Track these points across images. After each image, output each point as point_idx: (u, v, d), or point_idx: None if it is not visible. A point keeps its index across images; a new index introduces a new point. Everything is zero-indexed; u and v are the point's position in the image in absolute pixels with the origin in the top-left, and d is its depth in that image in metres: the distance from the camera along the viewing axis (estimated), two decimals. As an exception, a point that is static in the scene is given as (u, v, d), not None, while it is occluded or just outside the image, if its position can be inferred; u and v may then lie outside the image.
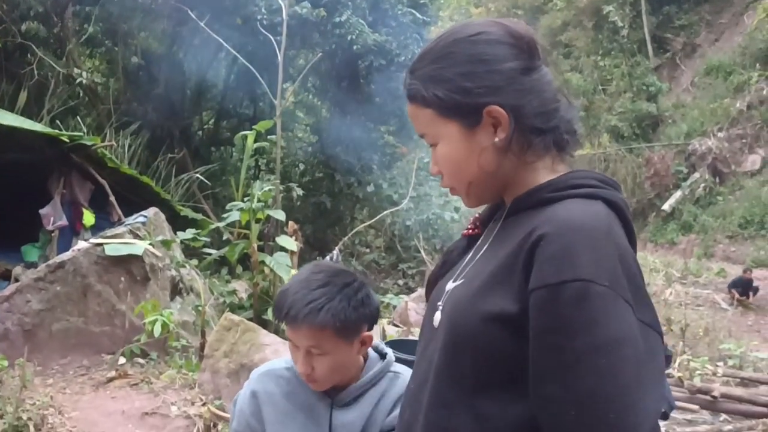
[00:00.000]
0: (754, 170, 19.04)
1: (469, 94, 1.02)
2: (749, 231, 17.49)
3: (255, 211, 6.65)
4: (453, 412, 0.97)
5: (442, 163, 1.10)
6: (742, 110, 19.83)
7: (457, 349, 0.97)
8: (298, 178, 14.03)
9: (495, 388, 0.94)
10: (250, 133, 7.67)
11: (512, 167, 1.05)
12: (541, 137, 1.04)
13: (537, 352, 0.89)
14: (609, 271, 0.87)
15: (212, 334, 5.05)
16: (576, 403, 0.84)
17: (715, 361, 5.93)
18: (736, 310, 12.49)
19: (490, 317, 0.93)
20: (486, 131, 1.03)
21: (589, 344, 0.84)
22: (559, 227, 0.91)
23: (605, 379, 0.83)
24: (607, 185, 1.01)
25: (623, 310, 0.87)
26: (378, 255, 13.84)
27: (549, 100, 1.05)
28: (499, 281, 0.95)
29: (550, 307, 0.87)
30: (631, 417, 0.83)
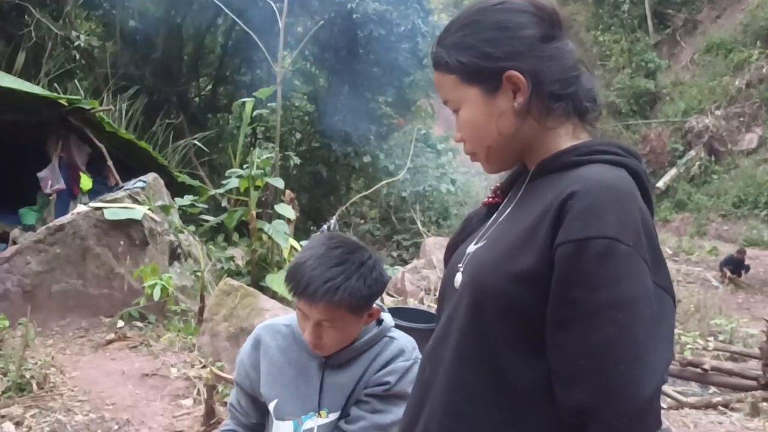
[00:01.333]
0: (750, 149, 19.08)
1: (489, 59, 1.06)
2: (743, 210, 17.58)
3: (254, 179, 6.66)
4: (474, 368, 1.00)
5: (464, 128, 1.12)
6: (741, 88, 19.79)
7: (481, 308, 1.00)
8: (294, 147, 14.00)
9: (517, 346, 0.97)
10: (248, 101, 7.64)
11: (532, 132, 1.08)
12: (560, 103, 1.06)
13: (556, 303, 0.92)
14: (633, 232, 0.91)
15: (211, 299, 5.09)
16: (588, 353, 0.88)
17: (705, 336, 6.04)
18: (726, 288, 12.65)
19: (516, 276, 0.96)
20: (506, 96, 1.06)
21: (609, 299, 0.88)
22: (589, 185, 0.94)
23: (620, 332, 0.87)
24: (630, 154, 1.04)
25: (643, 271, 0.91)
26: (373, 226, 13.88)
27: (568, 68, 1.07)
28: (525, 241, 0.98)
29: (575, 261, 0.90)
30: (638, 371, 0.86)
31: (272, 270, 6.83)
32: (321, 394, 1.55)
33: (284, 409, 1.56)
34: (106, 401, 4.17)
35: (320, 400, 1.55)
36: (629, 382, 0.86)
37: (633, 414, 0.87)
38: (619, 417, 0.87)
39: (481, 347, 1.00)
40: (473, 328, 1.01)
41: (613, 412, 0.87)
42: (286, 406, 1.55)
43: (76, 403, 4.06)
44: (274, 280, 6.58)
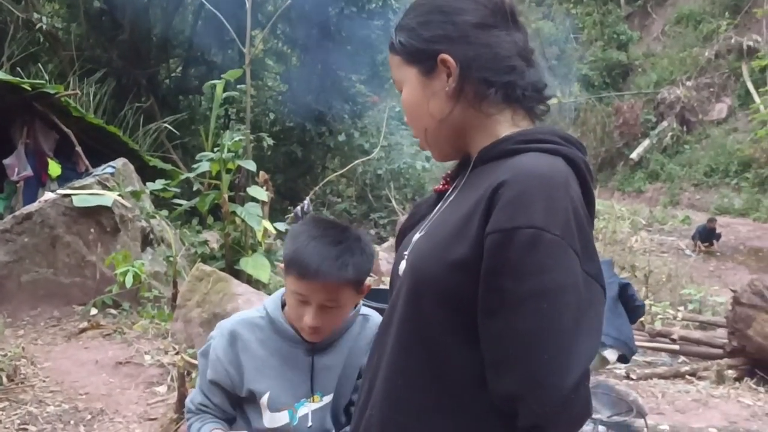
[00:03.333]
0: (720, 119, 19.33)
1: (423, 41, 1.09)
2: (714, 179, 17.86)
3: (225, 162, 6.59)
4: (412, 355, 1.02)
5: (405, 108, 1.15)
6: (711, 59, 20.00)
7: (419, 297, 1.01)
8: (268, 128, 13.86)
9: (453, 333, 0.98)
10: (219, 82, 7.54)
11: (469, 118, 1.09)
12: (492, 89, 1.07)
13: (486, 292, 0.93)
14: (562, 221, 0.91)
15: (184, 285, 5.06)
16: (516, 341, 0.89)
17: (676, 306, 6.15)
18: (699, 256, 12.87)
19: (452, 265, 0.97)
20: (440, 79, 1.08)
21: (535, 288, 0.89)
22: (519, 175, 0.95)
23: (545, 322, 0.88)
24: (570, 143, 1.04)
25: (570, 260, 0.91)
26: (349, 204, 13.86)
27: (503, 57, 1.07)
28: (460, 230, 0.98)
29: (502, 251, 0.91)
30: (563, 359, 0.88)
31: (246, 253, 6.80)
32: (313, 379, 1.56)
33: (278, 400, 1.55)
34: (80, 391, 4.15)
35: (312, 385, 1.56)
36: (553, 371, 0.87)
37: (557, 402, 0.87)
38: (543, 405, 0.88)
39: (419, 335, 1.01)
40: (412, 316, 1.02)
41: (538, 400, 0.88)
42: (279, 397, 1.55)
43: (48, 395, 4.03)
44: (248, 263, 6.56)
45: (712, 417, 3.29)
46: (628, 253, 10.01)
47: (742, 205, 16.52)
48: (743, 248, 14.02)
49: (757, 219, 15.77)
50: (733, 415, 3.35)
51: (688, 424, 3.04)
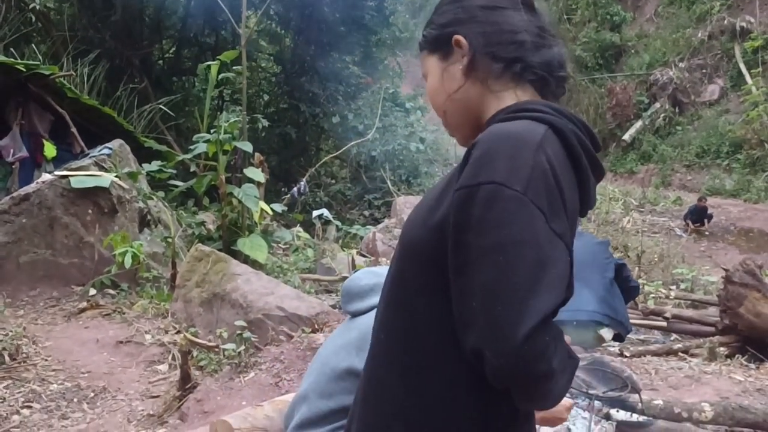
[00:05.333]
0: (712, 100, 19.34)
1: (440, 28, 1.17)
2: (705, 160, 17.91)
3: (222, 143, 6.61)
4: (394, 313, 1.08)
5: (429, 94, 1.20)
6: (704, 40, 19.96)
7: (406, 258, 1.06)
8: (262, 109, 13.84)
9: (430, 293, 1.02)
10: (213, 64, 7.52)
11: (478, 95, 1.13)
12: (499, 64, 1.11)
13: (453, 248, 0.96)
14: (524, 178, 0.92)
15: (183, 265, 5.10)
16: (476, 295, 0.91)
17: (668, 285, 6.22)
18: (690, 237, 12.96)
19: (433, 227, 1.01)
20: (456, 59, 1.14)
21: (494, 242, 0.90)
22: (489, 134, 0.99)
23: (500, 275, 0.89)
24: (563, 115, 1.05)
25: (531, 215, 0.92)
26: (344, 186, 13.86)
27: (510, 32, 1.12)
28: (443, 193, 1.03)
29: (466, 207, 0.94)
30: (517, 311, 0.87)
31: (243, 234, 6.84)
32: None
33: None
34: (81, 370, 4.20)
35: None
36: (506, 322, 0.88)
37: (510, 353, 0.88)
38: (498, 356, 0.89)
39: (402, 295, 1.06)
40: (399, 277, 1.08)
41: (493, 351, 0.89)
42: None
43: (51, 373, 4.08)
44: (245, 244, 6.60)
45: (705, 393, 3.37)
46: (621, 233, 10.10)
47: (733, 186, 16.58)
48: (734, 228, 14.12)
49: (748, 200, 15.85)
50: (724, 391, 3.43)
51: (681, 399, 3.11)
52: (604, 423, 2.87)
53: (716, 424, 2.93)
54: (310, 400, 1.82)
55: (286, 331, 3.88)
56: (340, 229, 10.08)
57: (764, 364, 4.01)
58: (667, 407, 2.96)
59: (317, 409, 1.77)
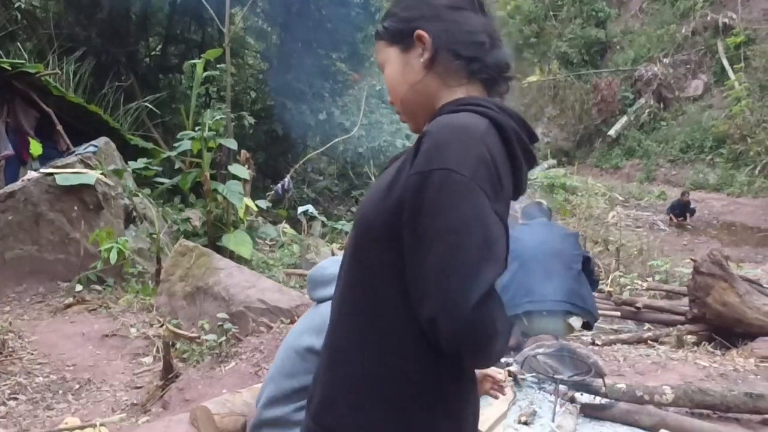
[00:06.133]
0: (696, 95, 19.53)
1: (403, 21, 1.26)
2: (689, 155, 18.11)
3: (206, 140, 6.68)
4: (354, 288, 1.18)
5: (387, 84, 1.30)
6: (687, 36, 20.14)
7: (363, 238, 1.17)
8: (249, 106, 13.87)
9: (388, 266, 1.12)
10: (198, 62, 7.59)
11: (436, 89, 1.24)
12: (458, 61, 1.23)
13: (408, 228, 1.07)
14: (471, 165, 1.04)
15: (168, 260, 5.19)
16: (430, 269, 1.02)
17: (644, 277, 6.36)
18: (673, 231, 13.14)
19: (387, 209, 1.11)
20: (416, 53, 1.24)
21: (447, 223, 1.02)
22: (439, 125, 1.10)
23: (453, 251, 1.01)
24: (505, 113, 1.18)
25: (478, 198, 1.04)
26: (331, 182, 13.95)
27: (471, 33, 1.24)
28: (396, 177, 1.14)
29: (420, 191, 1.05)
30: (468, 284, 0.99)
31: (228, 230, 6.91)
32: None
33: None
34: (67, 362, 4.29)
35: None
36: (458, 294, 0.99)
37: (462, 320, 0.99)
38: (451, 323, 1.00)
39: (361, 272, 1.17)
40: (357, 256, 1.18)
41: (447, 319, 1.00)
42: None
43: (36, 366, 4.16)
44: (230, 240, 6.68)
45: (669, 378, 3.49)
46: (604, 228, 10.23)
47: (716, 180, 16.78)
48: (716, 222, 14.32)
49: (731, 194, 16.06)
50: (689, 376, 3.55)
51: (645, 384, 3.24)
52: (569, 406, 2.99)
53: (677, 406, 3.06)
54: (276, 380, 1.93)
55: (266, 323, 3.98)
56: (326, 225, 10.16)
57: (730, 351, 4.15)
58: (629, 390, 3.09)
59: (282, 388, 1.88)
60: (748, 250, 11.78)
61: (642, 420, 2.90)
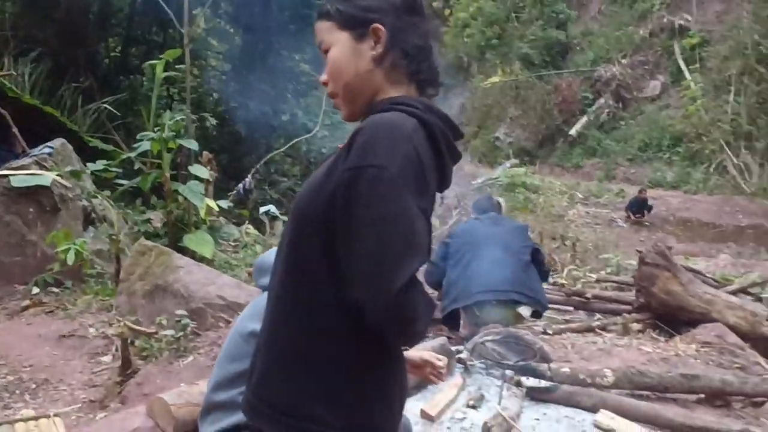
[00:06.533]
0: (654, 96, 20.00)
1: (362, 11, 1.32)
2: (648, 154, 18.53)
3: (166, 141, 6.68)
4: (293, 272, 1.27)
5: (330, 66, 1.35)
6: (645, 37, 20.62)
7: (300, 227, 1.26)
8: (212, 108, 13.84)
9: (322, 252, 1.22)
10: (158, 63, 7.57)
11: (381, 82, 1.33)
12: (407, 61, 1.33)
13: (341, 218, 1.17)
14: (400, 163, 1.14)
15: (127, 260, 5.20)
16: (360, 257, 1.13)
17: (597, 270, 6.56)
18: (631, 227, 13.46)
19: (324, 200, 1.21)
20: (368, 44, 1.31)
21: (377, 215, 1.12)
22: (371, 124, 1.19)
23: (380, 241, 1.11)
24: (431, 111, 1.29)
25: (405, 194, 1.14)
26: (295, 183, 13.98)
27: (421, 38, 1.35)
28: (330, 170, 1.23)
29: (353, 185, 1.14)
30: (394, 270, 1.10)
31: (190, 230, 6.92)
32: None
33: None
34: (24, 363, 4.28)
35: None
36: (386, 279, 1.10)
37: (388, 302, 1.10)
38: (378, 305, 1.11)
39: (297, 257, 1.26)
40: (294, 243, 1.27)
41: (374, 301, 1.12)
42: None
43: (-7, 367, 4.14)
44: (191, 240, 6.68)
45: (613, 363, 3.63)
46: (563, 225, 10.46)
47: (673, 178, 17.21)
48: (673, 219, 14.69)
49: (688, 191, 16.49)
50: (631, 360, 3.70)
51: (588, 368, 3.38)
52: (515, 389, 3.12)
53: (617, 388, 3.21)
54: (221, 364, 2.00)
55: (225, 318, 4.04)
56: (289, 225, 10.22)
57: (673, 337, 4.32)
58: (573, 374, 3.23)
59: (227, 372, 1.96)
60: (703, 246, 12.13)
61: (583, 401, 3.04)
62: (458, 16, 24.84)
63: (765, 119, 16.57)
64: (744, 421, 3.09)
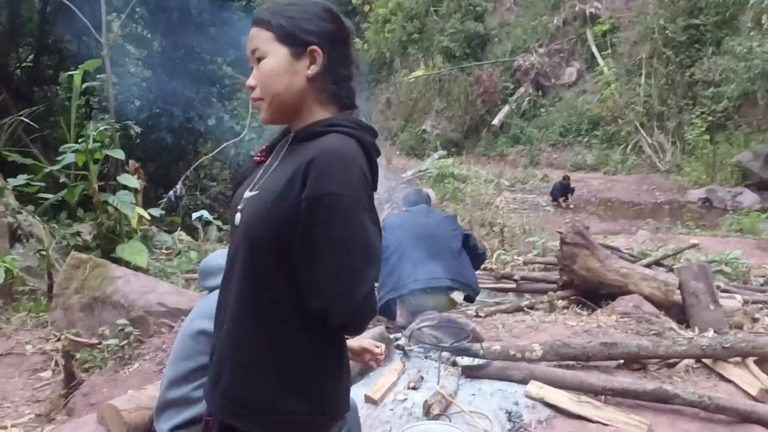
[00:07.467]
0: (571, 82, 20.80)
1: (304, 32, 1.45)
2: (568, 139, 19.27)
3: (92, 152, 6.61)
4: (252, 286, 1.42)
5: (262, 74, 1.46)
6: (559, 26, 21.38)
7: (257, 244, 1.40)
8: (135, 115, 13.54)
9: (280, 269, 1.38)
10: (76, 73, 7.46)
11: (309, 100, 1.48)
12: (335, 87, 1.49)
13: (303, 239, 1.33)
14: (353, 187, 1.32)
15: (61, 274, 5.14)
16: (323, 272, 1.32)
17: (524, 253, 6.89)
18: (556, 210, 14.02)
19: (280, 221, 1.36)
20: (304, 63, 1.44)
21: (336, 236, 1.31)
22: (322, 153, 1.34)
23: (343, 258, 1.31)
24: (363, 129, 1.46)
25: (360, 214, 1.33)
26: (224, 187, 13.87)
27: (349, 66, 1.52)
28: (285, 194, 1.37)
29: (313, 210, 1.31)
30: (356, 282, 1.32)
31: (122, 241, 6.87)
32: None
33: None
34: (-38, 385, 4.21)
35: None
36: (349, 290, 1.31)
37: (353, 310, 1.33)
38: (342, 313, 1.33)
39: (256, 272, 1.41)
40: (251, 258, 1.41)
41: (340, 309, 1.32)
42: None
43: (-71, 391, 4.06)
44: (124, 250, 6.64)
45: (540, 338, 3.89)
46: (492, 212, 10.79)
47: (594, 160, 17.99)
48: (595, 200, 15.38)
49: (607, 172, 17.28)
50: (557, 334, 3.98)
51: (517, 344, 3.63)
52: (451, 369, 3.33)
53: (545, 360, 3.46)
54: (174, 363, 2.12)
55: (168, 323, 4.09)
56: (222, 230, 10.18)
57: (595, 311, 4.64)
58: (503, 350, 3.46)
59: (180, 370, 2.08)
60: (624, 223, 12.75)
61: (514, 375, 3.29)
62: (378, 12, 25.09)
63: (674, 99, 17.50)
64: (659, 381, 3.40)
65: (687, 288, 4.47)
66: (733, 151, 15.12)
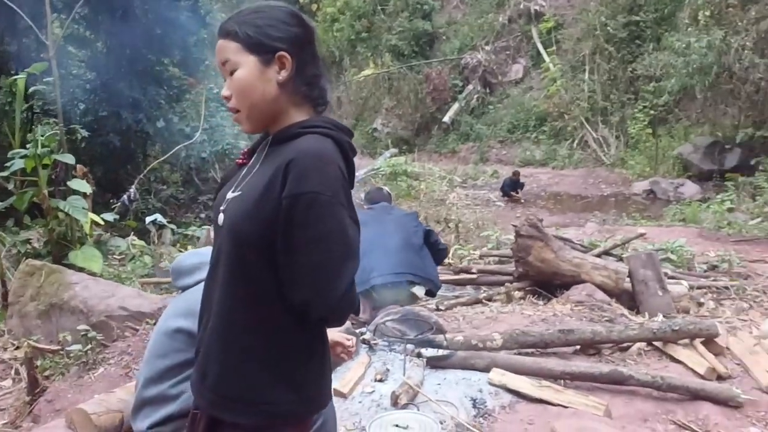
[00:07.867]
0: (517, 79, 21.18)
1: (270, 39, 1.49)
2: (516, 135, 19.65)
3: (41, 157, 6.48)
4: (237, 283, 1.48)
5: (236, 85, 1.51)
6: (505, 24, 21.75)
7: (240, 243, 1.45)
8: (80, 119, 13.24)
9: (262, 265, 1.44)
10: (20, 78, 7.28)
11: (284, 104, 1.53)
12: (307, 87, 1.55)
13: (284, 237, 1.40)
14: (331, 186, 1.39)
15: (14, 282, 5.05)
16: (305, 268, 1.39)
17: (480, 248, 7.05)
18: (507, 205, 14.30)
19: (263, 221, 1.42)
20: (274, 70, 1.49)
21: (316, 233, 1.38)
22: (301, 154, 1.40)
23: (324, 255, 1.38)
24: (338, 129, 1.53)
25: (339, 212, 1.40)
26: (176, 190, 13.68)
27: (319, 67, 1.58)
28: (266, 194, 1.43)
29: (292, 210, 1.37)
30: (336, 276, 1.39)
31: (75, 247, 6.75)
32: None
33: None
34: None
35: None
36: (330, 285, 1.39)
37: (334, 303, 1.40)
38: (324, 304, 1.40)
39: (241, 269, 1.47)
40: (236, 256, 1.48)
41: (322, 302, 1.40)
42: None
43: None
44: (77, 256, 6.52)
45: (499, 327, 4.03)
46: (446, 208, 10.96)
47: (542, 155, 18.39)
48: (544, 194, 15.75)
49: (555, 167, 17.70)
50: (516, 324, 4.12)
51: (478, 334, 3.75)
52: (416, 360, 3.42)
53: (506, 349, 3.59)
54: (150, 362, 2.15)
55: (131, 326, 4.07)
56: (176, 233, 10.07)
57: (551, 300, 4.82)
58: (466, 341, 3.58)
59: (156, 368, 2.11)
60: (572, 216, 13.09)
61: (477, 363, 3.41)
62: (326, 11, 25.08)
63: (617, 95, 18.02)
64: (613, 364, 3.57)
65: (636, 276, 4.67)
66: (674, 143, 15.67)
